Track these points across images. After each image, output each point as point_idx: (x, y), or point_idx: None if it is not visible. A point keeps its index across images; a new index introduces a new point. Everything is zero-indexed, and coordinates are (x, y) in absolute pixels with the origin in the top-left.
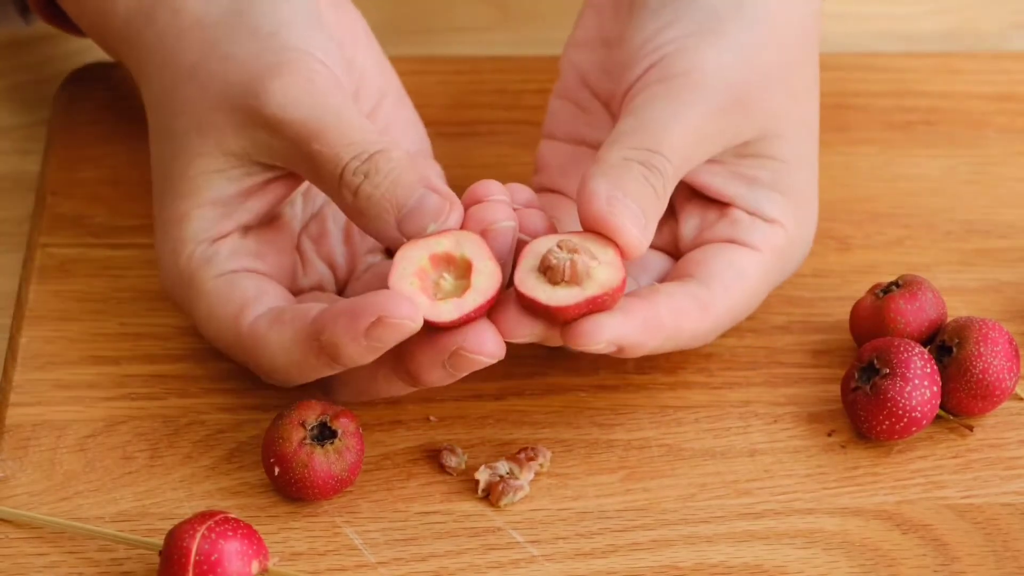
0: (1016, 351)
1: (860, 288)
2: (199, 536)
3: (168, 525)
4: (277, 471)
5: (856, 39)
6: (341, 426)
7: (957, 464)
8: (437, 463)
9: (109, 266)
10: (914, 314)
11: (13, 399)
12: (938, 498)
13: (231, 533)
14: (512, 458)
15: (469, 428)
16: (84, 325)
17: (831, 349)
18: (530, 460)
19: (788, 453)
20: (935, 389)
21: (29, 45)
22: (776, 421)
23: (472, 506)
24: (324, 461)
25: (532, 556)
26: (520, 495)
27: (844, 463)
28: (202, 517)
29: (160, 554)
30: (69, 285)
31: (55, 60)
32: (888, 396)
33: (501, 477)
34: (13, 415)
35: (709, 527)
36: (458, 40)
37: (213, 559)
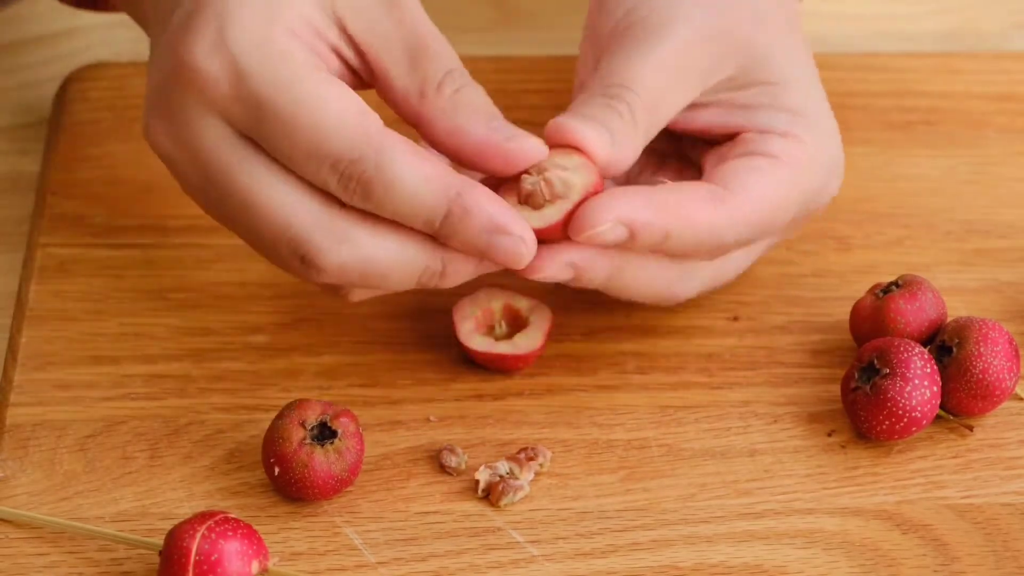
0: (1016, 351)
1: (860, 288)
2: (199, 536)
3: (168, 525)
4: (277, 471)
5: (856, 39)
6: (341, 426)
7: (957, 464)
8: (437, 463)
9: (109, 266)
10: (914, 314)
11: (13, 399)
12: (938, 498)
13: (231, 533)
14: (512, 458)
15: (469, 428)
16: (84, 325)
17: (831, 349)
18: (530, 460)
19: (788, 453)
20: (935, 389)
21: (29, 45)
22: (776, 421)
23: (472, 506)
24: (324, 461)
25: (532, 556)
26: (520, 495)
27: (844, 463)
28: (202, 517)
29: (160, 554)
30: (69, 285)
31: (55, 60)
32: (888, 396)
33: (501, 477)
34: (13, 415)
35: (709, 527)
36: (458, 40)
37: (213, 559)
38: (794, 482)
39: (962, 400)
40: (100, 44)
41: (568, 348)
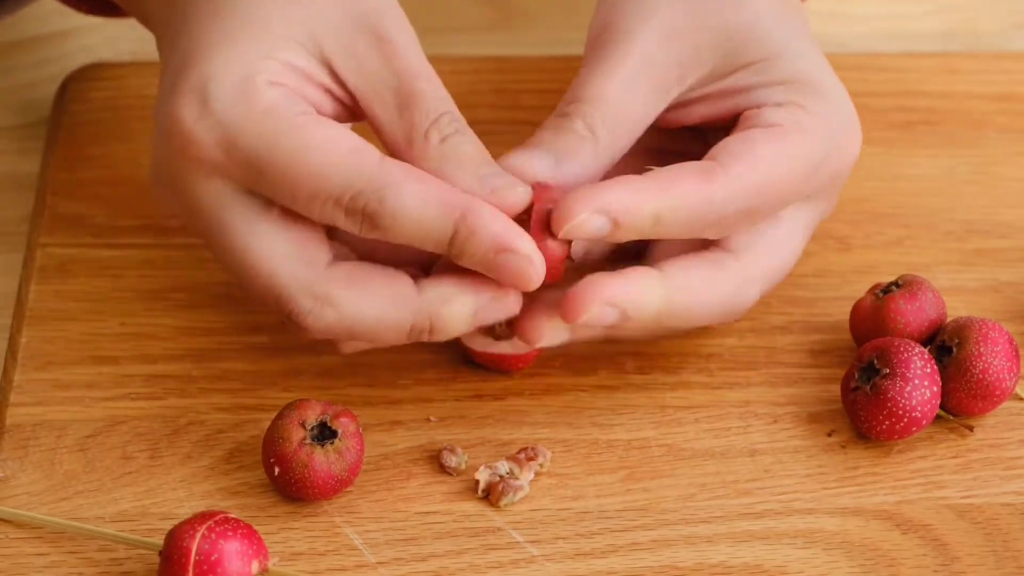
0: (1016, 351)
1: (860, 288)
2: (199, 536)
3: (168, 525)
4: (277, 471)
5: (856, 39)
6: (341, 426)
7: (957, 464)
8: (437, 463)
9: (109, 266)
10: (914, 314)
11: (13, 399)
12: (938, 498)
13: (231, 533)
14: (512, 458)
15: (469, 428)
16: (84, 325)
17: (831, 349)
18: (530, 460)
19: (788, 453)
20: (935, 389)
21: (29, 45)
22: (776, 421)
23: (472, 506)
24: (324, 461)
25: (532, 556)
26: (520, 495)
27: (844, 463)
28: (202, 517)
29: (160, 554)
30: (69, 285)
31: (55, 60)
32: (888, 396)
33: (501, 477)
34: (13, 415)
35: (709, 527)
36: (458, 40)
37: (213, 559)
38: (794, 482)
39: (962, 400)
40: (100, 44)
41: (568, 348)
